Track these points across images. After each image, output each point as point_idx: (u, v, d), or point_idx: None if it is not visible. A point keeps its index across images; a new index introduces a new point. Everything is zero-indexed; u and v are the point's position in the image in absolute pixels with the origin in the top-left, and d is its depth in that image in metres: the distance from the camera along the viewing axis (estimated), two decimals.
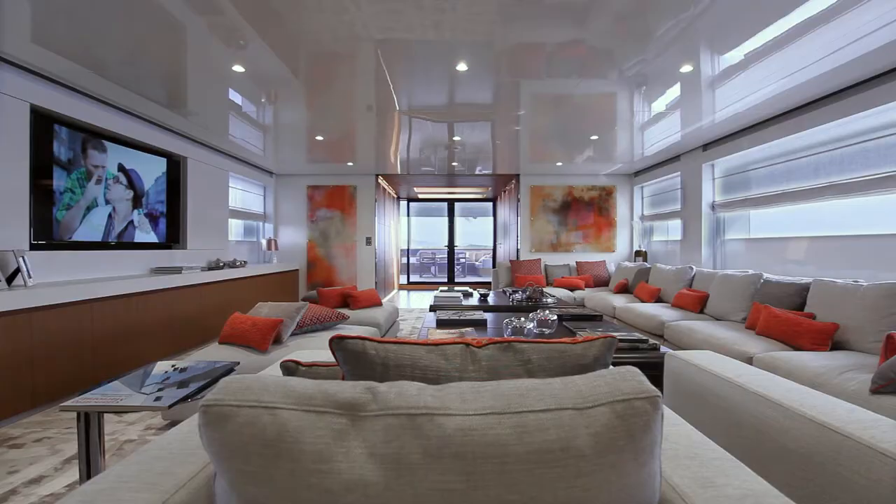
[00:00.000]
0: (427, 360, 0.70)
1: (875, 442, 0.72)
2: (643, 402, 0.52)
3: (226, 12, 2.11)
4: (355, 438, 0.52)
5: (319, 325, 2.80)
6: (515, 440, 0.49)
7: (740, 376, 1.05)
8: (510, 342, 0.75)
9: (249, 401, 0.54)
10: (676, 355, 1.28)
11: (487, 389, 0.56)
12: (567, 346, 0.75)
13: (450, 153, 5.18)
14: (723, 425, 1.06)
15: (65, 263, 2.93)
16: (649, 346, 2.10)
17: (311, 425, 0.52)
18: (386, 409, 0.53)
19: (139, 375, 1.35)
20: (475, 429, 0.50)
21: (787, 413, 0.88)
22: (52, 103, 2.80)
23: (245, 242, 5.72)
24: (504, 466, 0.49)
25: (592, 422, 0.51)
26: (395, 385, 0.57)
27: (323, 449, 0.51)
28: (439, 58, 2.63)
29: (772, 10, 2.07)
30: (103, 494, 0.60)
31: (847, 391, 1.92)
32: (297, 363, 0.88)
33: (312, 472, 0.50)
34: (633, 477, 0.51)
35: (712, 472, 0.62)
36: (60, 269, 2.89)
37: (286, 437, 0.51)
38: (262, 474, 0.51)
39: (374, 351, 0.71)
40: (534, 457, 0.49)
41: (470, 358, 0.72)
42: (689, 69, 2.74)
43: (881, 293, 2.33)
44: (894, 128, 2.74)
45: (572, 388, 0.55)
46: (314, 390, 0.56)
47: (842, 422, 0.79)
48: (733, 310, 3.31)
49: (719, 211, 4.48)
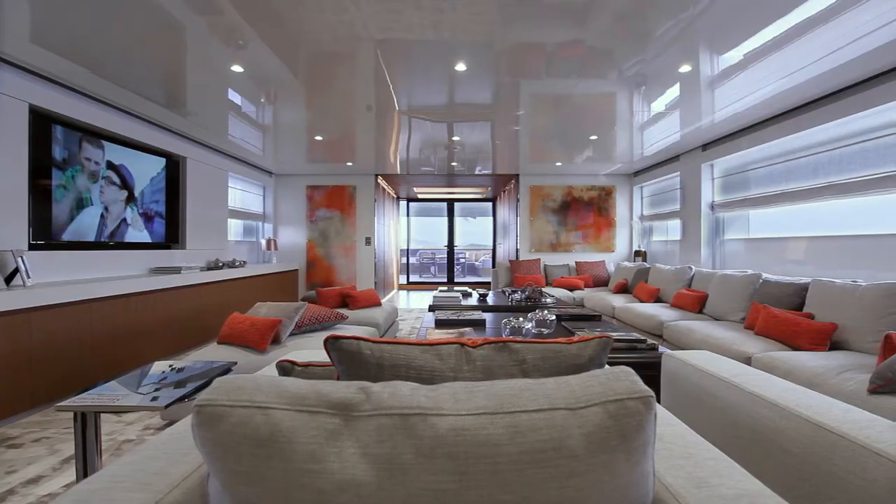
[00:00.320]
0: (422, 361, 0.70)
1: (870, 442, 0.72)
2: (636, 402, 0.52)
3: (225, 12, 2.11)
4: (348, 438, 0.52)
5: (318, 326, 2.80)
6: (508, 440, 0.49)
7: (737, 376, 1.05)
8: (505, 342, 0.75)
9: (242, 401, 0.54)
10: (674, 355, 1.28)
11: (481, 389, 0.56)
12: (562, 346, 0.75)
13: (449, 153, 5.18)
14: (719, 425, 1.06)
15: (64, 263, 2.93)
16: (647, 346, 2.10)
17: (303, 425, 0.52)
18: (379, 409, 0.53)
19: (136, 375, 1.35)
20: (468, 429, 0.50)
21: (783, 413, 0.88)
22: (52, 103, 2.80)
23: (245, 242, 5.73)
24: (496, 466, 0.49)
25: (585, 422, 0.51)
26: (388, 385, 0.57)
27: (315, 449, 0.51)
28: (439, 58, 2.63)
29: (770, 10, 2.07)
30: (97, 494, 0.60)
31: (845, 391, 1.92)
32: (292, 363, 0.88)
33: (304, 472, 0.50)
34: (625, 477, 0.51)
35: (707, 472, 0.62)
36: (60, 269, 2.89)
37: (279, 437, 0.51)
38: (254, 474, 0.51)
39: (369, 351, 0.71)
40: (526, 457, 0.49)
41: (465, 358, 0.72)
42: (689, 69, 2.74)
43: (880, 293, 2.33)
44: (893, 128, 2.74)
45: (566, 388, 0.55)
46: (307, 390, 0.56)
47: (837, 422, 0.79)
48: (732, 310, 3.31)
49: (718, 211, 4.48)
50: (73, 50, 2.43)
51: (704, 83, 2.97)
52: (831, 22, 2.13)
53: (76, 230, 3.05)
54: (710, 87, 3.03)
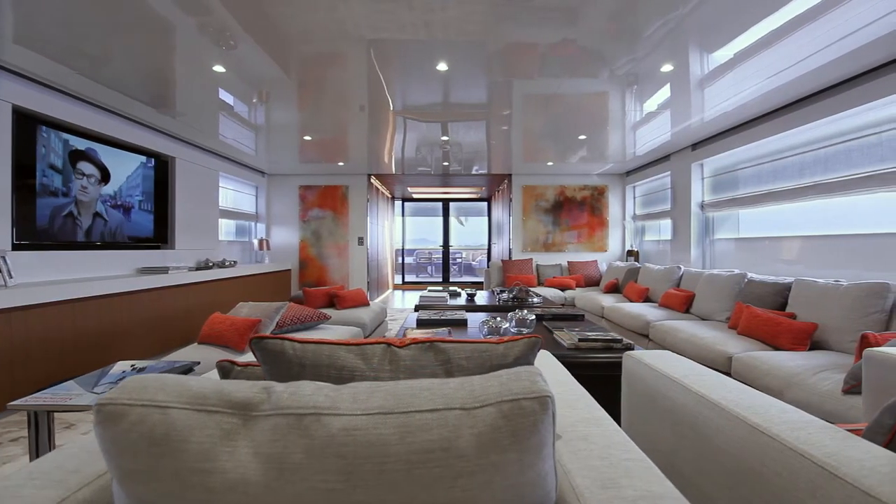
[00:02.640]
0: (344, 361, 0.70)
1: (797, 443, 0.71)
2: (532, 402, 0.52)
3: (214, 12, 2.10)
4: (245, 438, 0.52)
5: (300, 325, 2.80)
6: (397, 440, 0.49)
7: (686, 377, 1.05)
8: (433, 342, 0.75)
9: (143, 400, 0.54)
10: (632, 355, 1.28)
11: (384, 389, 0.56)
12: (490, 346, 0.74)
13: (443, 153, 5.18)
14: (669, 425, 1.06)
15: (50, 263, 2.94)
16: (623, 345, 2.10)
17: (200, 424, 0.52)
18: (277, 409, 0.53)
19: (95, 375, 1.35)
20: (359, 428, 0.50)
21: (722, 413, 0.87)
22: (36, 104, 2.82)
23: (237, 242, 5.74)
24: (384, 466, 0.49)
25: (477, 422, 0.51)
26: (293, 385, 0.57)
27: (209, 448, 0.51)
28: (430, 57, 2.62)
29: (757, 8, 2.06)
30: (8, 491, 0.60)
31: (820, 391, 1.91)
32: (233, 363, 0.88)
33: (195, 471, 0.50)
34: (518, 477, 0.51)
35: (619, 473, 0.62)
36: (46, 269, 2.90)
37: (173, 436, 0.51)
38: (147, 473, 0.51)
39: (292, 350, 0.71)
40: (414, 457, 0.49)
41: (388, 358, 0.72)
42: (678, 68, 2.74)
43: (860, 293, 2.31)
44: (876, 127, 2.72)
45: (467, 387, 0.55)
46: (210, 390, 0.56)
47: (771, 422, 0.79)
48: (718, 309, 3.30)
49: (708, 210, 4.47)
50: (57, 51, 2.43)
51: (693, 82, 2.96)
52: (816, 21, 2.13)
53: (55, 230, 3.06)
54: (699, 85, 3.02)
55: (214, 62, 2.65)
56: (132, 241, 3.71)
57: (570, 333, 2.28)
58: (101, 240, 3.40)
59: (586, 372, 2.04)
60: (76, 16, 2.09)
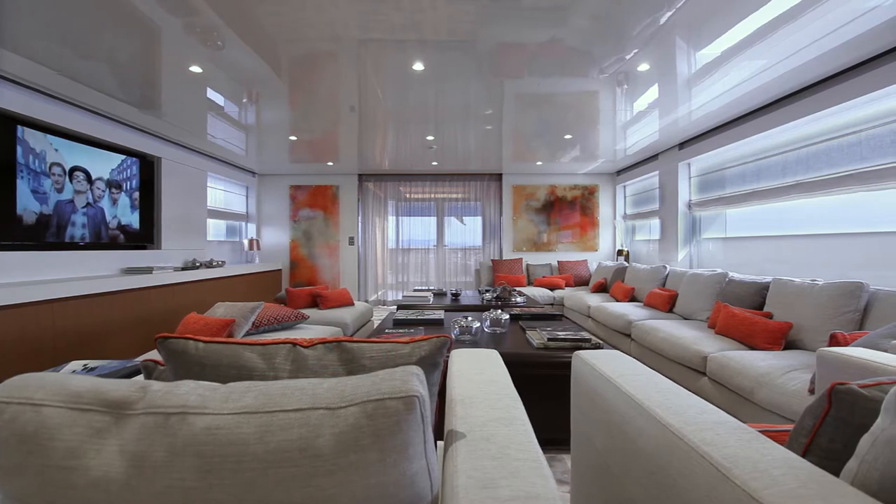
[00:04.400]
0: (244, 360, 0.71)
1: (702, 444, 0.71)
2: (396, 402, 0.52)
3: (201, 13, 2.10)
4: (114, 437, 0.52)
5: (278, 325, 2.81)
6: (257, 439, 0.50)
7: (622, 376, 1.05)
8: (340, 342, 0.75)
9: (20, 398, 0.55)
10: (579, 355, 1.28)
11: (258, 389, 0.56)
12: (396, 346, 0.75)
13: (434, 153, 5.18)
14: (604, 425, 1.06)
15: (31, 265, 2.96)
16: (592, 344, 2.09)
17: (70, 422, 0.53)
18: (148, 408, 0.54)
19: None
20: (221, 427, 0.51)
21: (643, 413, 0.87)
22: (15, 104, 2.83)
23: (227, 242, 5.76)
24: (240, 465, 0.49)
25: (339, 422, 0.51)
26: (171, 384, 0.58)
27: (76, 446, 0.51)
28: (419, 57, 2.62)
29: (741, 6, 2.06)
30: None
31: (788, 391, 1.90)
32: (156, 363, 0.89)
33: (60, 469, 0.51)
34: (380, 477, 0.51)
35: (505, 473, 0.62)
36: (27, 270, 2.92)
37: (42, 434, 0.52)
38: (15, 468, 0.51)
39: (195, 350, 0.71)
40: (271, 456, 0.49)
41: (291, 358, 0.72)
42: (665, 66, 2.72)
43: (834, 292, 2.30)
44: (855, 126, 2.70)
45: (339, 388, 0.55)
46: (86, 389, 0.56)
47: (685, 423, 0.79)
48: (699, 309, 3.28)
49: (695, 210, 4.45)
50: (37, 50, 2.44)
51: (680, 79, 2.94)
52: (797, 20, 2.12)
53: (36, 231, 3.08)
54: (686, 84, 3.00)
55: (202, 63, 2.64)
56: (117, 241, 3.73)
57: (542, 333, 2.28)
58: (85, 240, 3.43)
59: (556, 371, 2.05)
60: (57, 15, 2.09)
